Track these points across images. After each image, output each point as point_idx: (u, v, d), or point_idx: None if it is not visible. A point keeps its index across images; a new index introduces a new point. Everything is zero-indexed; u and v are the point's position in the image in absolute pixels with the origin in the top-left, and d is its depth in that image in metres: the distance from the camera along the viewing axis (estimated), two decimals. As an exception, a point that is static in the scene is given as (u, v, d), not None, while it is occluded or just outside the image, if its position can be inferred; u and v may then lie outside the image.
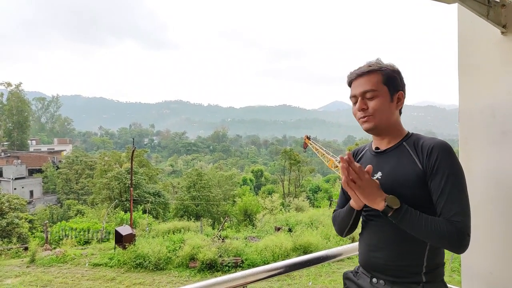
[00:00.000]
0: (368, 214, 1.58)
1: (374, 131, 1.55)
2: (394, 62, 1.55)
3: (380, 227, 1.51)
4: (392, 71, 1.52)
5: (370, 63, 1.54)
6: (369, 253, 1.55)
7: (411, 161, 1.44)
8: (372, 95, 1.49)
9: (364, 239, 1.61)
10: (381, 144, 1.59)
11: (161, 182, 41.81)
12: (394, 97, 1.51)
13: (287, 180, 43.70)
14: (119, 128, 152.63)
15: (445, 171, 1.36)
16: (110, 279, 14.38)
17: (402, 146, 1.51)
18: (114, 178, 30.03)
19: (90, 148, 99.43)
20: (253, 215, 27.17)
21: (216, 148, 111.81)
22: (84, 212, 28.07)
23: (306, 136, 37.51)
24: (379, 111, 1.49)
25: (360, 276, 1.61)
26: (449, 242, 1.32)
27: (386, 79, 1.50)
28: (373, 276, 1.53)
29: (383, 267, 1.49)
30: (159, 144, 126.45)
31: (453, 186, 1.36)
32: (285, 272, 1.85)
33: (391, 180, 1.45)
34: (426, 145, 1.43)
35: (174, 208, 31.35)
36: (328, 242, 16.94)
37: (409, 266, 1.44)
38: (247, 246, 16.84)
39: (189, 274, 14.97)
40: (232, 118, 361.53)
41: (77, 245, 18.83)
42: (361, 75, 1.52)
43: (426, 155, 1.40)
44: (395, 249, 1.46)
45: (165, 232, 19.17)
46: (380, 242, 1.51)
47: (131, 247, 16.02)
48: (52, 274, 14.83)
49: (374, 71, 1.50)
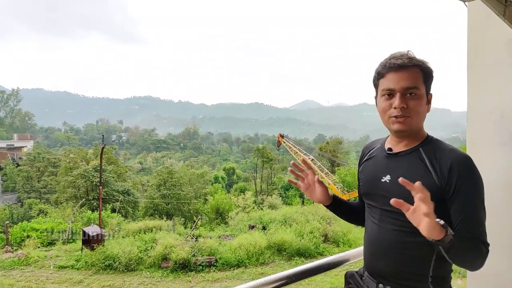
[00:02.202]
0: (370, 210, 1.51)
1: (404, 133, 1.39)
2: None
3: (380, 229, 1.43)
4: (430, 70, 1.38)
5: (409, 55, 1.36)
6: (372, 260, 1.48)
7: (426, 172, 1.32)
8: (415, 94, 1.33)
9: (366, 244, 1.53)
10: (396, 146, 1.45)
11: (130, 180, 40.84)
12: (428, 99, 1.39)
13: (260, 178, 43.85)
14: (85, 124, 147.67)
15: (467, 190, 1.26)
16: (77, 282, 13.80)
17: (419, 152, 1.38)
18: (81, 176, 29.01)
19: (53, 145, 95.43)
20: (225, 213, 27.05)
21: (187, 146, 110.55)
22: (47, 211, 26.92)
23: (279, 134, 37.75)
24: (418, 113, 1.35)
25: (366, 280, 1.53)
26: (476, 259, 1.23)
27: (426, 77, 1.36)
28: (380, 282, 1.45)
29: (389, 274, 1.42)
30: (128, 141, 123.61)
31: (476, 206, 1.27)
32: (293, 282, 1.75)
33: (403, 187, 1.21)
34: (446, 160, 1.30)
35: (144, 206, 30.77)
36: (302, 240, 17.05)
37: (414, 274, 1.37)
38: (221, 245, 16.68)
39: (162, 274, 14.62)
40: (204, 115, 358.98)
41: (40, 247, 17.97)
42: (404, 67, 1.33)
43: (447, 172, 1.28)
44: (397, 257, 1.38)
45: (135, 231, 18.62)
46: (380, 249, 1.43)
47: (99, 248, 15.43)
48: (14, 277, 14.09)
49: (416, 66, 1.34)
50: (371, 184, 1.49)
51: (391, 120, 1.37)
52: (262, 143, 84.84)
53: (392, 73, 1.35)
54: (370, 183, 1.49)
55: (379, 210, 1.44)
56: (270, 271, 14.93)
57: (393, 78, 1.35)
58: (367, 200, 1.54)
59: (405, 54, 1.36)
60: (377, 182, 1.44)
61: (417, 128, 1.39)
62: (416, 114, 1.35)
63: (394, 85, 1.34)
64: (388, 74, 1.36)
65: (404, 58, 1.34)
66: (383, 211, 1.41)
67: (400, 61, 1.34)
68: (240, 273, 14.82)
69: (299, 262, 15.89)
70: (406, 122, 1.34)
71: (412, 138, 1.41)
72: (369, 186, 1.50)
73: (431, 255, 1.32)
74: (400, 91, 1.33)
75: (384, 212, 1.41)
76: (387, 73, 1.37)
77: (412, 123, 1.35)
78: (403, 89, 1.33)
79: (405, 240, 1.34)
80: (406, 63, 1.33)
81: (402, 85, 1.33)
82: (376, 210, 1.45)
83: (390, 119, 1.37)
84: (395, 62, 1.34)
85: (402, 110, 1.33)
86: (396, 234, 1.36)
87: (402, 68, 1.33)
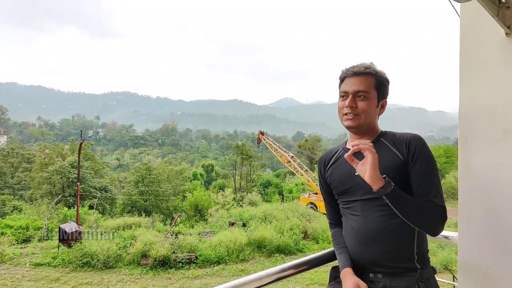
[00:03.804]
0: (349, 207, 1.62)
1: (354, 130, 1.62)
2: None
3: (365, 219, 1.54)
4: (384, 79, 1.62)
5: (366, 65, 1.60)
6: (361, 248, 1.55)
7: (391, 153, 1.54)
8: (364, 96, 1.56)
9: (351, 235, 1.61)
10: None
11: (107, 176, 40.22)
12: (380, 103, 1.62)
13: (239, 175, 43.82)
14: (61, 119, 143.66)
15: (423, 158, 1.50)
16: (54, 280, 13.55)
17: (380, 141, 1.60)
18: (56, 172, 28.39)
19: (28, 140, 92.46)
20: (204, 210, 26.97)
21: (165, 142, 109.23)
22: (21, 208, 26.29)
23: (260, 132, 37.78)
24: (366, 112, 1.57)
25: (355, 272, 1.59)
26: (434, 221, 1.43)
27: (378, 84, 1.59)
28: (370, 270, 1.54)
29: (379, 260, 1.51)
30: (105, 137, 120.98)
31: (431, 171, 1.50)
32: (296, 274, 1.75)
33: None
34: (404, 138, 1.55)
35: (122, 203, 30.33)
36: (282, 236, 17.20)
37: (403, 255, 1.49)
38: (200, 241, 16.66)
39: (141, 271, 14.50)
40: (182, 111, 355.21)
41: (15, 244, 17.52)
42: (358, 74, 1.58)
43: (406, 146, 1.52)
44: (387, 240, 1.49)
45: (114, 228, 18.37)
46: (368, 237, 1.52)
47: (77, 245, 15.18)
48: (-13, 275, 13.68)
49: (369, 74, 1.58)
50: (346, 181, 1.62)
51: (344, 118, 1.60)
52: (241, 140, 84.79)
53: (348, 78, 1.60)
54: (345, 180, 1.62)
55: (359, 202, 1.56)
56: (251, 268, 15.05)
57: (348, 82, 1.60)
58: (344, 198, 1.64)
59: (364, 64, 1.60)
60: (352, 177, 1.59)
61: (369, 125, 1.61)
62: (364, 113, 1.56)
63: (347, 88, 1.59)
64: (346, 79, 1.62)
65: (361, 67, 1.59)
66: (364, 201, 1.55)
67: (356, 69, 1.59)
68: (220, 270, 14.85)
69: (279, 258, 16.06)
70: (355, 119, 1.57)
71: (370, 133, 1.63)
72: (344, 184, 1.62)
73: (413, 231, 1.49)
74: (352, 93, 1.57)
75: (365, 202, 1.55)
76: (345, 78, 1.62)
77: (361, 120, 1.57)
78: (354, 91, 1.57)
79: (389, 222, 1.48)
80: (361, 71, 1.58)
81: (354, 88, 1.57)
82: (356, 203, 1.57)
83: (343, 116, 1.61)
84: (352, 69, 1.60)
85: (352, 109, 1.57)
86: (380, 219, 1.49)
87: (356, 75, 1.58)
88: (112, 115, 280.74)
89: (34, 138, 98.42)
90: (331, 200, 1.77)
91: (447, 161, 40.17)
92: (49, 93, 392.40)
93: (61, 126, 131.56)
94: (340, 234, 1.74)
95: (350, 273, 1.54)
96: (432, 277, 1.53)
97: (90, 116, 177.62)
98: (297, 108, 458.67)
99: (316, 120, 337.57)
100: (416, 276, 1.48)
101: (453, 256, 13.50)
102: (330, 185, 1.72)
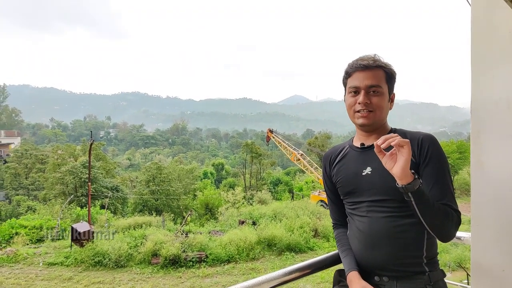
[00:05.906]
0: (355, 208, 1.55)
1: (368, 128, 1.54)
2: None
3: (372, 221, 1.48)
4: (393, 71, 1.54)
5: (373, 57, 1.52)
6: (367, 251, 1.50)
7: None
8: (377, 91, 1.49)
9: (356, 237, 1.55)
10: (367, 140, 1.57)
11: (118, 176, 40.54)
12: (390, 97, 1.55)
13: (249, 173, 43.79)
14: (73, 120, 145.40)
15: (436, 160, 1.42)
16: (67, 279, 13.70)
17: None
18: (69, 173, 28.69)
19: (41, 141, 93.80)
20: (215, 208, 27.01)
21: (175, 141, 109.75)
22: (35, 208, 26.62)
23: (269, 130, 37.70)
24: (380, 108, 1.50)
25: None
26: (450, 226, 1.35)
27: (388, 77, 1.52)
28: (375, 274, 1.49)
29: (386, 263, 1.45)
30: (116, 137, 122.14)
31: (445, 173, 1.43)
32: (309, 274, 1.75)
33: (385, 175, 1.36)
34: (415, 138, 1.46)
35: (133, 203, 30.52)
36: (292, 235, 17.14)
37: (411, 258, 1.43)
38: (211, 240, 16.69)
39: (152, 270, 14.59)
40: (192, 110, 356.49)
41: (29, 244, 17.76)
42: (368, 68, 1.49)
43: (417, 147, 1.44)
44: (395, 243, 1.43)
45: (125, 228, 18.52)
46: (375, 239, 1.47)
47: (89, 245, 15.33)
48: (3, 274, 13.95)
49: (379, 67, 1.50)
50: (352, 181, 1.55)
51: (356, 115, 1.52)
52: (251, 139, 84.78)
53: (358, 72, 1.50)
54: (352, 179, 1.55)
55: (366, 202, 1.50)
56: (261, 266, 15.02)
57: (358, 77, 1.50)
58: (350, 198, 1.58)
59: (371, 57, 1.52)
60: (359, 177, 1.52)
61: (381, 122, 1.53)
62: (378, 109, 1.49)
63: (359, 83, 1.50)
64: (355, 73, 1.52)
65: (370, 60, 1.50)
66: (371, 202, 1.48)
67: (366, 62, 1.49)
68: (230, 268, 14.86)
69: (289, 257, 15.99)
70: (370, 116, 1.49)
71: (380, 131, 1.54)
72: (351, 183, 1.55)
73: (423, 235, 1.42)
74: (364, 89, 1.48)
75: (372, 203, 1.48)
76: (353, 72, 1.52)
77: (375, 117, 1.49)
78: (367, 86, 1.48)
79: (397, 224, 1.42)
80: (371, 64, 1.49)
81: (366, 83, 1.48)
82: (363, 204, 1.51)
83: (356, 113, 1.52)
84: (361, 63, 1.50)
85: (366, 106, 1.48)
86: (388, 220, 1.43)
87: (366, 69, 1.49)
88: (123, 115, 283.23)
89: (48, 139, 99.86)
90: (336, 199, 1.70)
91: (460, 156, 39.46)
92: (61, 95, 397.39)
93: (73, 127, 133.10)
94: (344, 235, 1.68)
95: (357, 277, 1.48)
96: (441, 280, 1.46)
97: (101, 116, 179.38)
98: (306, 106, 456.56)
99: (326, 117, 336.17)
100: (424, 279, 1.41)
101: (467, 253, 13.26)
102: (335, 184, 1.66)
